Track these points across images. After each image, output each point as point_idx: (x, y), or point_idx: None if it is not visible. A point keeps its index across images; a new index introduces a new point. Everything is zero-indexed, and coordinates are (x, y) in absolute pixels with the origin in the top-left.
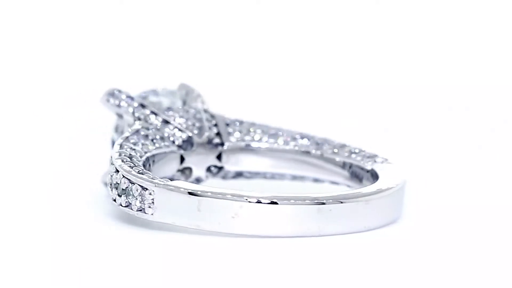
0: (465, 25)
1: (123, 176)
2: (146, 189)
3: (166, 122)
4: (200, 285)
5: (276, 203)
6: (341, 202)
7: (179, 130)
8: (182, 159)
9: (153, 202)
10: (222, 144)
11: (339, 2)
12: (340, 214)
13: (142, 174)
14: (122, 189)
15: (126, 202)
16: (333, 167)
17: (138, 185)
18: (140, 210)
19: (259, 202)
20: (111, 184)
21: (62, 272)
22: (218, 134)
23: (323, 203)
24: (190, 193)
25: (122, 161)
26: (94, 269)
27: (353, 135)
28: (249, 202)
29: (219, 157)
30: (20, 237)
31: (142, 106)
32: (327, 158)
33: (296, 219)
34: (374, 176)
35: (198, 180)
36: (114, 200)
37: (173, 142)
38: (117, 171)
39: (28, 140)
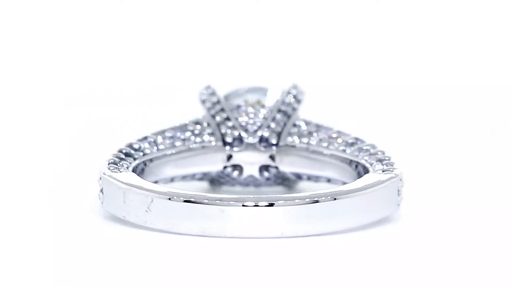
0: (466, 25)
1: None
2: (100, 178)
3: (227, 119)
4: (194, 285)
5: (189, 201)
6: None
7: (234, 127)
8: (229, 156)
9: (102, 192)
10: (276, 144)
11: (339, 2)
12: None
13: (108, 164)
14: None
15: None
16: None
17: (100, 176)
18: (99, 199)
19: (169, 198)
20: None
21: (60, 272)
22: (279, 134)
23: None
24: (118, 186)
25: (119, 151)
26: (92, 268)
27: (353, 134)
28: (159, 198)
29: (272, 157)
30: (19, 237)
31: (218, 102)
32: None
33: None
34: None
35: (252, 177)
36: None
37: (223, 139)
38: None
39: (28, 140)
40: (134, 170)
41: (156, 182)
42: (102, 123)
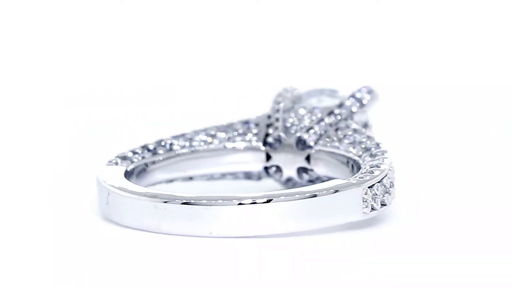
0: (466, 25)
1: None
2: None
3: (277, 120)
4: (192, 285)
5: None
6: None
7: (277, 128)
8: (268, 156)
9: None
10: (311, 147)
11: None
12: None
13: (115, 157)
14: None
15: None
16: None
17: None
18: None
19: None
20: None
21: (60, 271)
22: (320, 136)
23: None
24: (98, 181)
25: (142, 146)
26: (92, 269)
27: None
28: (112, 192)
29: (308, 159)
30: (19, 237)
31: (278, 103)
32: None
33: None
34: None
35: (288, 180)
36: None
37: (265, 139)
38: None
39: (28, 140)
40: (139, 166)
41: (191, 178)
42: (102, 123)
